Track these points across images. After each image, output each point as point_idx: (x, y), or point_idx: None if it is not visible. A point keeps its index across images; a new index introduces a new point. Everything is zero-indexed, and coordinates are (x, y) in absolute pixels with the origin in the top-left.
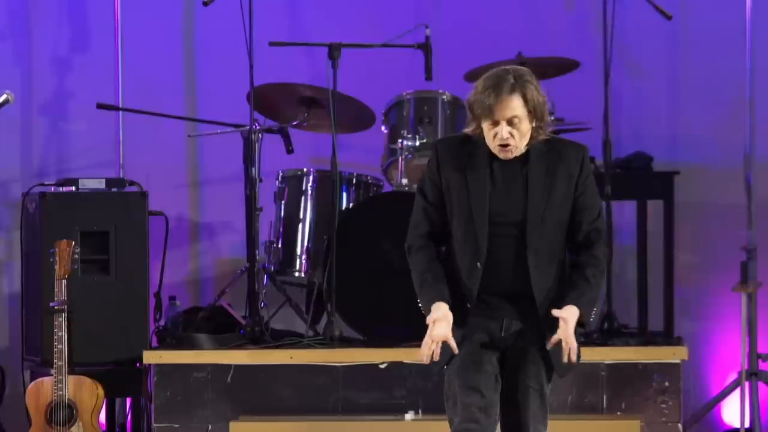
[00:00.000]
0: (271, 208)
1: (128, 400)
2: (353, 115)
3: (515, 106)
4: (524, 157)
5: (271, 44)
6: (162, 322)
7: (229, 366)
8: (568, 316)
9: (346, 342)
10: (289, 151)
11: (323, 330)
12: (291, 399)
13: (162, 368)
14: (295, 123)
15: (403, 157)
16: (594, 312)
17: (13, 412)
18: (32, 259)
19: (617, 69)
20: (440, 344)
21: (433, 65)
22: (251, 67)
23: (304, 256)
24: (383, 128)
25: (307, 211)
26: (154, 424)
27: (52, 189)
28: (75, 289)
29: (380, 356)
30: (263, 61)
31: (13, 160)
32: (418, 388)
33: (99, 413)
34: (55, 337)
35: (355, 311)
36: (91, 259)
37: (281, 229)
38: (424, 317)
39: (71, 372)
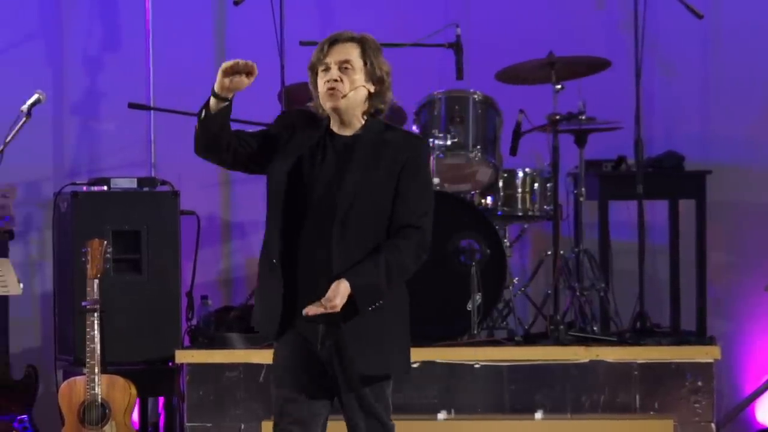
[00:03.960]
0: None
1: (160, 400)
2: (384, 115)
3: (350, 51)
4: (356, 135)
5: (302, 43)
6: (194, 322)
7: (261, 365)
8: (338, 285)
9: None
10: None
11: None
12: None
13: (194, 368)
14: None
15: (435, 156)
16: (371, 300)
17: (46, 411)
18: (64, 258)
19: (648, 68)
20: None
21: (464, 64)
22: (282, 66)
23: None
24: (414, 127)
25: None
26: (187, 424)
27: (84, 188)
28: (107, 288)
29: (413, 356)
30: (294, 60)
31: (45, 160)
32: (451, 388)
33: (131, 412)
34: (88, 336)
35: None
36: (123, 259)
37: None
38: (456, 317)
39: (104, 371)
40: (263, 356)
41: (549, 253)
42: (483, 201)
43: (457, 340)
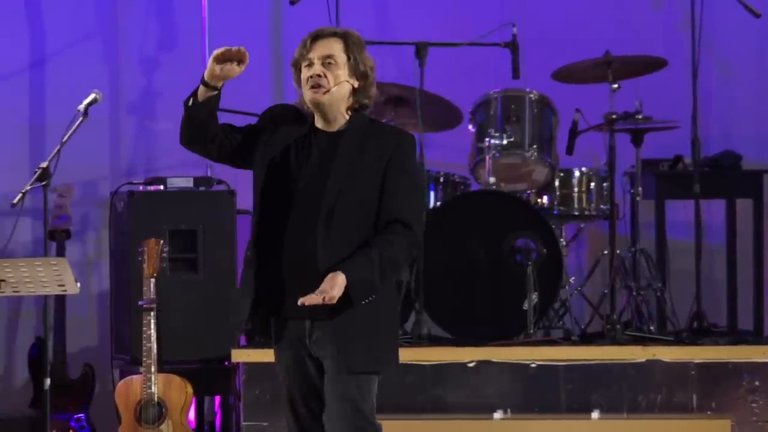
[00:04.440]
0: None
1: (217, 399)
2: (440, 114)
3: (333, 47)
4: (341, 131)
5: None
6: None
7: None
8: (335, 277)
9: (434, 341)
10: None
11: (411, 329)
12: (378, 398)
13: (250, 367)
14: (382, 121)
15: (491, 155)
16: (366, 294)
17: (102, 410)
18: (121, 257)
19: (706, 67)
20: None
21: (520, 64)
22: None
23: None
24: (470, 127)
25: None
26: (243, 423)
27: (141, 188)
28: (163, 287)
29: (469, 355)
30: None
31: (101, 159)
32: (507, 388)
33: (188, 411)
34: (144, 335)
35: (444, 310)
36: (180, 258)
37: None
38: (512, 317)
39: (160, 370)
40: None
41: (605, 252)
42: (539, 200)
43: (514, 339)
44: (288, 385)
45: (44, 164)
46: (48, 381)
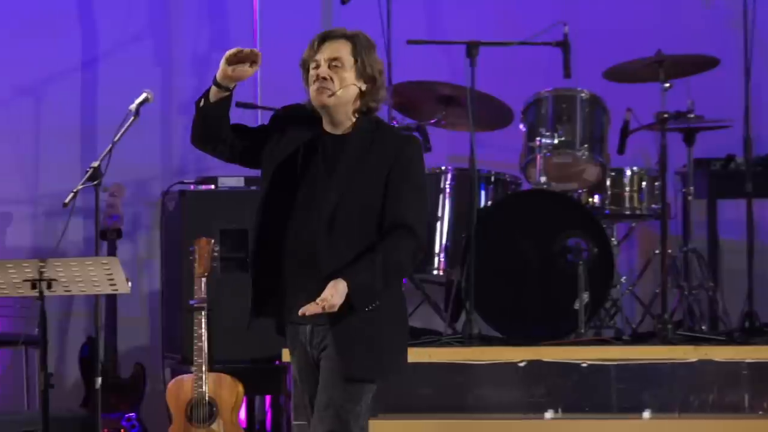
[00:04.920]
0: None
1: (267, 398)
2: (491, 113)
3: (340, 49)
4: (347, 134)
5: (410, 42)
6: None
7: (404, 360)
8: (336, 284)
9: (484, 340)
10: (427, 149)
11: (462, 328)
12: (430, 397)
13: None
14: (433, 121)
15: (542, 155)
16: (368, 300)
17: (153, 409)
18: (172, 257)
19: (758, 66)
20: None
21: (571, 63)
22: (389, 65)
23: (442, 255)
24: (521, 126)
25: (445, 210)
26: (294, 422)
27: (192, 187)
28: (214, 286)
29: (520, 355)
30: (401, 59)
31: (153, 159)
32: (558, 387)
33: (239, 411)
34: (195, 334)
35: (494, 309)
36: (231, 257)
37: None
38: (563, 316)
39: (211, 369)
40: None
41: (657, 252)
42: (590, 200)
43: (564, 339)
44: (302, 388)
45: (95, 164)
46: (99, 380)
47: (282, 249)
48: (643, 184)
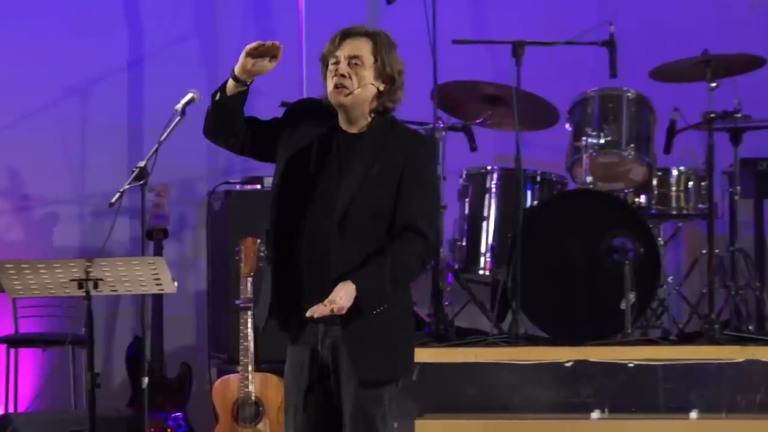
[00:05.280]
0: (455, 206)
1: None
2: (537, 113)
3: (361, 47)
4: (362, 134)
5: (455, 42)
6: None
7: (414, 364)
8: (345, 286)
9: (531, 340)
10: (473, 148)
11: (508, 328)
12: (476, 397)
13: None
14: (478, 121)
15: (588, 154)
16: (376, 303)
17: (200, 409)
18: (218, 257)
19: None
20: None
21: (617, 62)
22: (435, 65)
23: (488, 254)
24: (567, 126)
25: (491, 209)
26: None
27: (237, 187)
28: (260, 286)
29: (566, 355)
30: (447, 59)
31: (198, 159)
32: (605, 387)
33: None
34: (241, 334)
35: (540, 309)
36: None
37: (465, 227)
38: (610, 316)
39: (257, 369)
40: (416, 354)
41: (704, 251)
42: (636, 199)
43: (611, 339)
44: (291, 384)
45: (142, 163)
46: (146, 380)
47: (297, 247)
48: (690, 183)
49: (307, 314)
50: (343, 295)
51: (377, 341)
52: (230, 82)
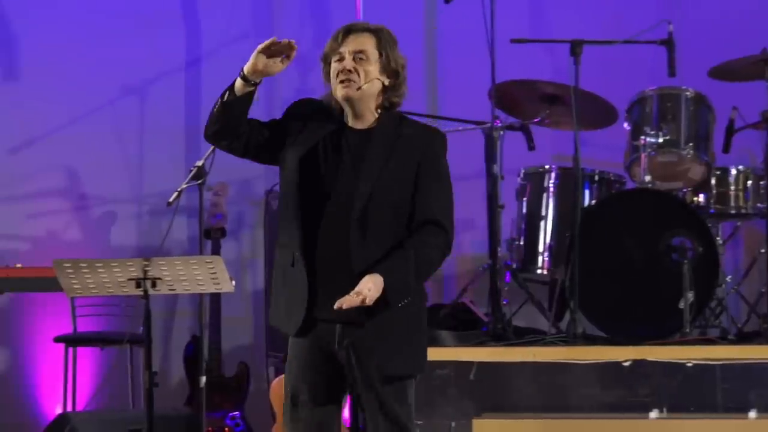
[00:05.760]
0: (513, 206)
1: None
2: (595, 112)
3: (365, 42)
4: (371, 129)
5: (513, 41)
6: None
7: (471, 363)
8: (373, 278)
9: (589, 340)
10: (531, 148)
11: (566, 327)
12: (533, 397)
13: None
14: (536, 120)
15: (646, 153)
16: (402, 296)
17: (257, 408)
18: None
19: None
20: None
21: (676, 61)
22: (493, 64)
23: (546, 254)
24: (626, 125)
25: (549, 208)
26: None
27: None
28: None
29: (624, 354)
30: (504, 58)
31: None
32: (663, 387)
33: (342, 409)
34: None
35: (598, 309)
36: None
37: (523, 226)
38: (667, 316)
39: None
40: (473, 353)
41: (762, 251)
42: (695, 199)
43: (669, 338)
44: (298, 378)
45: (200, 163)
46: (203, 379)
47: (312, 246)
48: (749, 183)
49: (336, 305)
50: (372, 287)
51: (400, 335)
52: (239, 82)
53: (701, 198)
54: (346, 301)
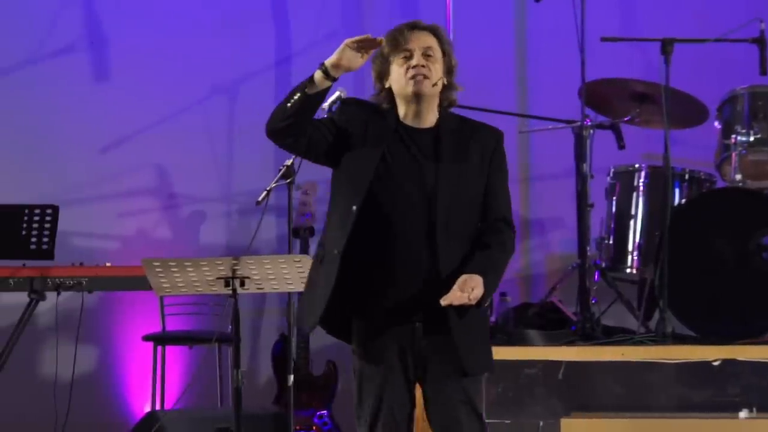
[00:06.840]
0: (602, 204)
1: None
2: (686, 111)
3: (429, 40)
4: (435, 128)
5: (603, 40)
6: (492, 318)
7: (560, 362)
8: (475, 278)
9: (678, 339)
10: (621, 146)
11: (655, 327)
12: (622, 396)
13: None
14: (626, 118)
15: (737, 152)
16: (489, 296)
17: (345, 407)
18: None
19: None
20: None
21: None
22: (583, 62)
23: (635, 253)
24: (716, 123)
25: (638, 207)
26: (486, 420)
27: None
28: None
29: (713, 353)
30: (595, 57)
31: None
32: (753, 386)
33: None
34: None
35: (688, 308)
36: None
37: (612, 225)
38: (757, 315)
39: None
40: (562, 353)
41: None
42: None
43: (760, 338)
44: (378, 391)
45: (289, 162)
46: (292, 378)
47: (388, 248)
48: None
49: (443, 303)
50: (476, 285)
51: (479, 333)
52: (319, 75)
53: None
54: (455, 299)
